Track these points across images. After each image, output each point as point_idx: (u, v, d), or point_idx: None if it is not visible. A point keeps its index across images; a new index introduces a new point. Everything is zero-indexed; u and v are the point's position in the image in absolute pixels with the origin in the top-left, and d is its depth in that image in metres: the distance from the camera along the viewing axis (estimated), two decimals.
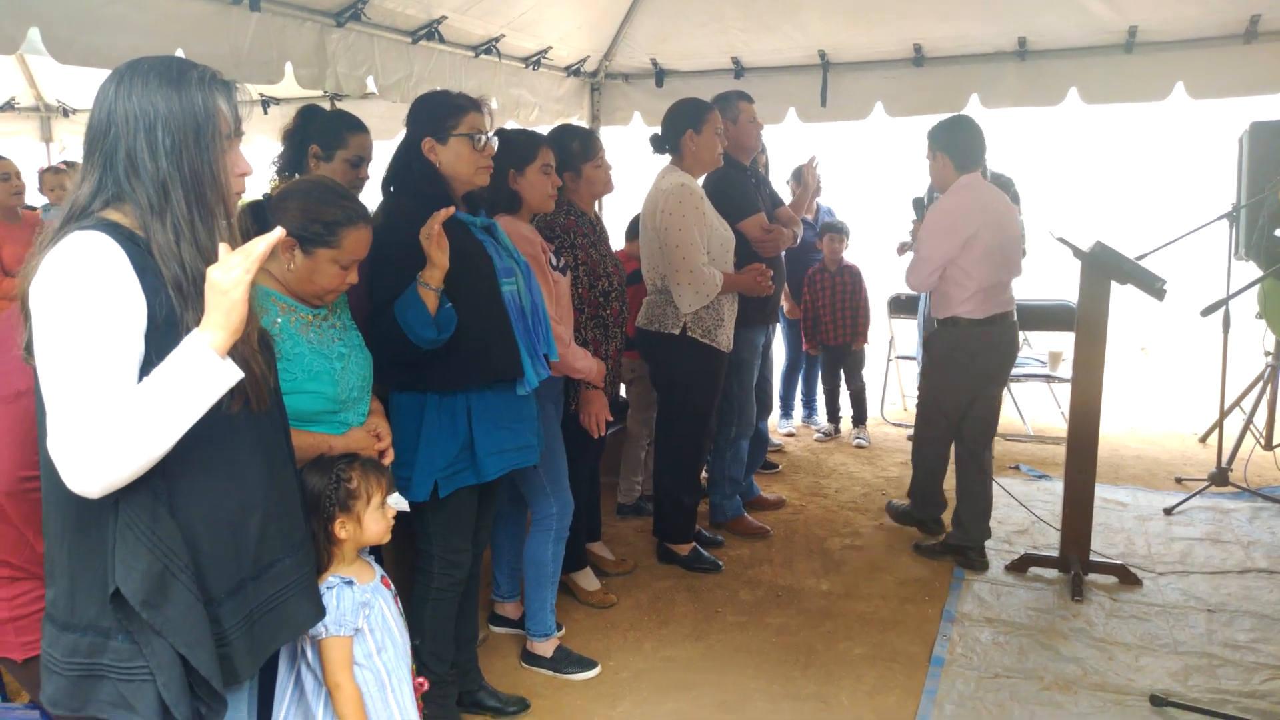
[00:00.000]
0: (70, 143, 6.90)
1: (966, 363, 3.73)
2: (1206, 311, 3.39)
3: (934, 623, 3.35)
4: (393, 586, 2.08)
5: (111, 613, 1.44)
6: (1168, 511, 4.37)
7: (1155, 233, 4.32)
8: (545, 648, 3.07)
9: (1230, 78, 4.45)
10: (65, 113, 6.78)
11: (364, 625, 1.94)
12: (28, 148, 6.86)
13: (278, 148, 2.95)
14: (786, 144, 5.74)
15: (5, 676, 2.47)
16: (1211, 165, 7.35)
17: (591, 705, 2.87)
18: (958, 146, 3.70)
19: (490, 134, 2.51)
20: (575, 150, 3.25)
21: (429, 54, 4.33)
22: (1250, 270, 4.43)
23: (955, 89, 4.91)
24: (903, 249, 5.21)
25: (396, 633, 2.02)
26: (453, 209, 2.27)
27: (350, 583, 1.94)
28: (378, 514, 1.98)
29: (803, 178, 4.63)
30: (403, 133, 2.52)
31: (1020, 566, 3.75)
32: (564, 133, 3.33)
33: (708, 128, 3.68)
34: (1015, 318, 3.80)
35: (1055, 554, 3.70)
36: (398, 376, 2.41)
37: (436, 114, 2.45)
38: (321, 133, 2.82)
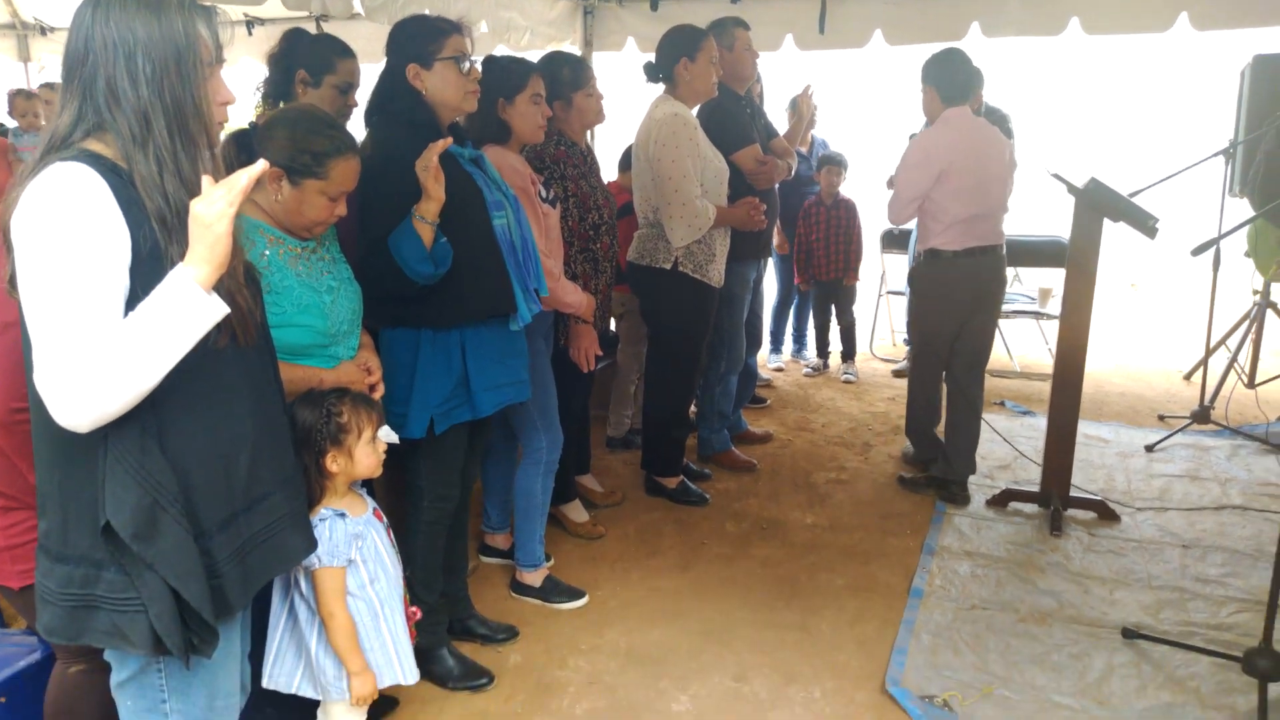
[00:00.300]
0: (49, 62, 6.71)
1: (945, 294, 3.77)
2: (1197, 251, 3.37)
3: (914, 555, 3.42)
4: (385, 519, 2.10)
5: (103, 545, 1.46)
6: (1149, 448, 4.44)
7: (1152, 167, 4.28)
8: (534, 578, 3.12)
9: (1235, 9, 4.37)
10: (43, 31, 6.57)
11: (357, 556, 1.97)
12: (5, 67, 6.68)
13: (262, 70, 2.88)
14: (783, 73, 5.63)
15: (2, 603, 2.51)
16: (1212, 99, 7.25)
17: (579, 633, 2.94)
18: (945, 79, 3.71)
19: (474, 58, 2.45)
20: (566, 78, 3.18)
21: None
22: (1245, 208, 4.42)
23: (956, 17, 4.80)
24: (892, 183, 5.17)
25: (389, 564, 2.06)
26: (450, 140, 2.23)
27: (342, 515, 1.96)
28: (369, 448, 1.99)
29: (797, 107, 4.56)
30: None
31: (1001, 501, 3.82)
32: (554, 60, 3.25)
33: (702, 56, 3.60)
34: (1003, 251, 3.80)
35: (1036, 489, 3.77)
36: (391, 312, 2.39)
37: (419, 39, 2.38)
38: (308, 58, 2.75)
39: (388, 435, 2.07)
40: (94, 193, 1.36)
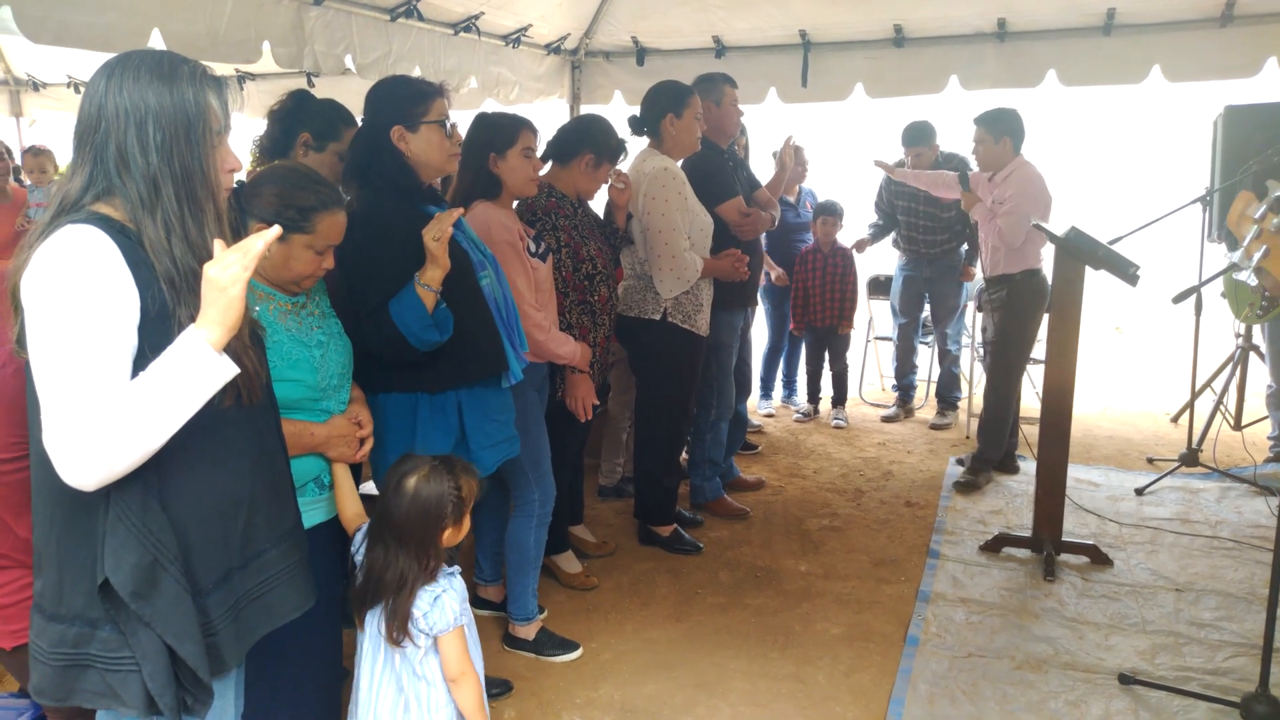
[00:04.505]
0: (41, 117, 6.78)
1: (1040, 305, 4.38)
2: (1178, 299, 3.45)
3: (909, 603, 3.41)
4: None
5: (99, 603, 1.45)
6: (1139, 492, 4.45)
7: (1132, 215, 4.38)
8: (527, 631, 3.10)
9: (1205, 61, 4.50)
10: (35, 87, 6.65)
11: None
12: None
13: (252, 124, 2.91)
14: (767, 124, 5.74)
15: None
16: (1187, 148, 7.41)
17: (573, 687, 2.91)
18: (1018, 132, 4.35)
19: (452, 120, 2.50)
20: (613, 145, 3.28)
21: (407, 32, 4.29)
22: (1223, 253, 4.50)
23: (935, 70, 4.93)
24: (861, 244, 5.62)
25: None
26: (462, 210, 2.27)
27: (452, 574, 1.97)
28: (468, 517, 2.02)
29: (779, 158, 4.64)
30: None
31: (994, 546, 3.82)
32: (611, 127, 3.36)
33: (688, 112, 3.67)
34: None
35: (1028, 534, 3.77)
36: (382, 377, 2.37)
37: (404, 101, 2.40)
38: (315, 122, 2.77)
39: (371, 489, 2.07)
40: (104, 254, 1.39)
